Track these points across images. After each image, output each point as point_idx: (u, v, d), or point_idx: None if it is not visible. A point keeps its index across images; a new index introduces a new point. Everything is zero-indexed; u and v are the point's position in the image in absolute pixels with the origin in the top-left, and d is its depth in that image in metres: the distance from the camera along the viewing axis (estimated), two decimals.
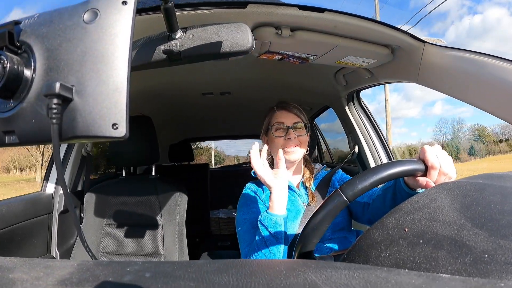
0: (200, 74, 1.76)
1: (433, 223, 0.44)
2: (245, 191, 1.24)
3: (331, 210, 0.63)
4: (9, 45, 0.36)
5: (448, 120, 68.06)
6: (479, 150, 43.18)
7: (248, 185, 1.26)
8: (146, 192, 1.60)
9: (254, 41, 0.63)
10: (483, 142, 44.57)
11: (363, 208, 1.08)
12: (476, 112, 10.56)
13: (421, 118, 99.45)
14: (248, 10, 0.93)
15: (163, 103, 2.30)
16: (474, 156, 41.94)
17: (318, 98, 2.13)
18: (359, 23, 1.00)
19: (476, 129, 47.32)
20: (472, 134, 46.77)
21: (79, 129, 0.35)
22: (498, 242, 0.36)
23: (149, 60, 0.63)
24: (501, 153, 40.58)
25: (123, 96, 0.35)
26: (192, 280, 0.33)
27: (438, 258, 0.38)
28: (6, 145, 0.38)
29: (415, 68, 1.13)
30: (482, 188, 0.47)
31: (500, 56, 0.85)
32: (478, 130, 47.16)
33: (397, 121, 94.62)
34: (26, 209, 1.47)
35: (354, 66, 1.32)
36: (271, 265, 0.38)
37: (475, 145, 44.30)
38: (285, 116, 1.19)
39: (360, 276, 0.32)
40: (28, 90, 0.37)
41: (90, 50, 0.35)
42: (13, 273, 0.36)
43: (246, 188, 1.24)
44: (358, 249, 0.49)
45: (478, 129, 47.30)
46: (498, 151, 41.95)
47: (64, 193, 1.01)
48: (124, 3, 0.36)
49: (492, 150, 42.72)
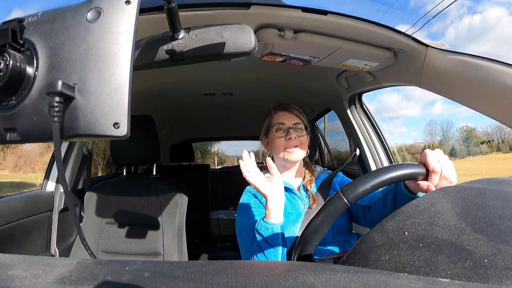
0: (202, 74, 1.76)
1: (433, 227, 0.43)
2: (244, 194, 1.23)
3: (331, 213, 0.63)
4: (12, 42, 0.36)
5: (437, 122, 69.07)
6: (460, 152, 44.09)
7: (248, 188, 1.25)
8: (146, 192, 1.60)
9: (257, 42, 0.63)
10: (470, 143, 46.13)
11: (364, 211, 1.07)
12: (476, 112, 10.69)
13: (421, 118, 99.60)
14: (251, 11, 0.93)
15: (164, 103, 2.30)
16: (454, 157, 42.78)
17: (320, 100, 2.13)
18: (362, 26, 1.00)
19: (465, 130, 48.19)
20: (461, 135, 47.87)
21: (81, 127, 0.35)
22: (498, 247, 0.36)
23: (152, 59, 0.63)
24: (482, 154, 41.55)
25: (125, 95, 0.35)
26: (191, 280, 0.32)
27: (438, 262, 0.38)
28: (8, 143, 0.38)
29: (417, 72, 1.13)
30: (482, 193, 0.47)
31: (503, 61, 0.85)
32: (467, 131, 48.08)
33: (396, 121, 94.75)
34: (26, 206, 1.48)
35: (356, 68, 1.31)
36: (270, 267, 0.38)
37: (457, 147, 45.40)
38: (285, 117, 1.20)
39: (359, 279, 0.32)
40: (30, 88, 0.37)
41: (93, 49, 0.35)
42: (12, 270, 0.36)
43: (246, 192, 1.24)
44: (357, 252, 0.49)
45: (467, 130, 48.22)
46: (479, 152, 42.93)
47: (64, 191, 1.01)
48: (127, 2, 0.37)
49: (473, 151, 43.69)
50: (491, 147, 45.53)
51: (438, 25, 1.07)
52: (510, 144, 44.66)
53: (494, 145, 45.92)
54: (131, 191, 1.62)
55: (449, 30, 1.33)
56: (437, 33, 1.08)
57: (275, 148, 1.19)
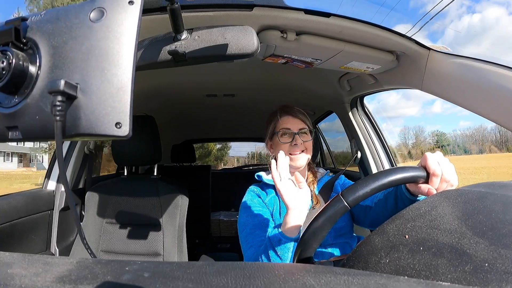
0: (205, 75, 1.76)
1: (434, 230, 0.43)
2: (248, 193, 1.24)
3: (331, 216, 0.63)
4: (15, 41, 0.37)
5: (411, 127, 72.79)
6: (415, 155, 46.22)
7: (251, 187, 1.26)
8: (147, 192, 1.60)
9: (259, 44, 0.63)
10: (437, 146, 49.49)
11: (365, 212, 1.07)
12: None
13: (421, 117, 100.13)
14: (254, 13, 0.93)
15: (166, 103, 2.31)
16: (412, 159, 44.81)
17: (322, 103, 2.13)
18: (364, 29, 1.00)
19: (436, 134, 50.53)
20: (432, 139, 50.83)
21: (83, 127, 0.35)
22: (499, 251, 0.36)
23: (154, 60, 0.63)
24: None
25: (127, 95, 0.35)
26: (190, 281, 0.32)
27: (438, 266, 0.38)
28: (9, 141, 0.38)
29: (419, 75, 1.12)
30: (483, 197, 0.47)
31: (505, 65, 0.85)
32: (437, 135, 50.25)
33: (396, 120, 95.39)
34: (27, 204, 1.48)
35: (358, 71, 1.32)
36: (270, 268, 0.38)
37: (412, 151, 48.02)
38: (291, 122, 1.19)
39: (359, 282, 0.32)
40: (33, 87, 0.37)
41: (96, 48, 0.36)
42: (12, 268, 0.36)
43: (249, 191, 1.24)
44: (358, 255, 0.49)
45: (437, 134, 50.44)
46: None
47: (65, 190, 1.01)
48: (130, 2, 0.37)
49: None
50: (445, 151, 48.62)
51: (437, 25, 1.07)
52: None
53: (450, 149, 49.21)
54: (132, 191, 1.62)
55: (448, 29, 1.34)
56: (436, 31, 1.08)
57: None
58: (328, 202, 0.65)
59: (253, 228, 1.07)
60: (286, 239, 0.87)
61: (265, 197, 1.20)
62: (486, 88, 0.89)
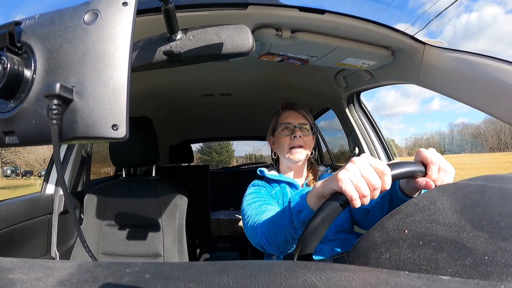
0: (201, 75, 1.76)
1: (433, 225, 0.43)
2: (253, 185, 1.25)
3: (328, 214, 0.63)
4: (10, 45, 0.36)
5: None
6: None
7: (255, 181, 1.26)
8: (146, 193, 1.60)
9: (255, 42, 0.63)
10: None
11: (363, 214, 1.07)
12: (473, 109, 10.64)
13: (419, 114, 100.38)
14: (248, 11, 0.93)
15: (163, 104, 2.30)
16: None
17: (319, 100, 2.13)
18: (359, 25, 1.01)
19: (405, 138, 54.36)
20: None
21: (79, 130, 0.35)
22: (498, 244, 0.36)
23: (150, 61, 0.63)
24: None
25: (124, 97, 0.35)
26: (191, 281, 0.32)
27: (438, 260, 0.38)
28: (6, 146, 0.38)
29: (415, 70, 1.13)
30: (482, 190, 0.47)
31: (501, 58, 0.85)
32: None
33: (395, 118, 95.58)
34: (26, 209, 1.47)
35: (354, 67, 1.32)
36: (271, 266, 0.38)
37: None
38: (292, 116, 1.23)
39: (360, 278, 0.32)
40: (29, 91, 0.37)
41: (91, 51, 0.35)
42: (12, 273, 0.36)
43: (254, 183, 1.26)
44: (358, 251, 0.49)
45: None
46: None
47: (64, 193, 1.01)
48: (124, 4, 0.36)
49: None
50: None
51: (436, 23, 1.08)
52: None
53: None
54: (131, 192, 1.61)
55: (447, 27, 1.34)
56: (435, 31, 1.09)
57: (281, 147, 1.21)
58: (326, 200, 0.65)
59: (258, 203, 1.07)
60: (308, 210, 0.78)
61: (272, 190, 1.21)
62: (481, 82, 0.89)
